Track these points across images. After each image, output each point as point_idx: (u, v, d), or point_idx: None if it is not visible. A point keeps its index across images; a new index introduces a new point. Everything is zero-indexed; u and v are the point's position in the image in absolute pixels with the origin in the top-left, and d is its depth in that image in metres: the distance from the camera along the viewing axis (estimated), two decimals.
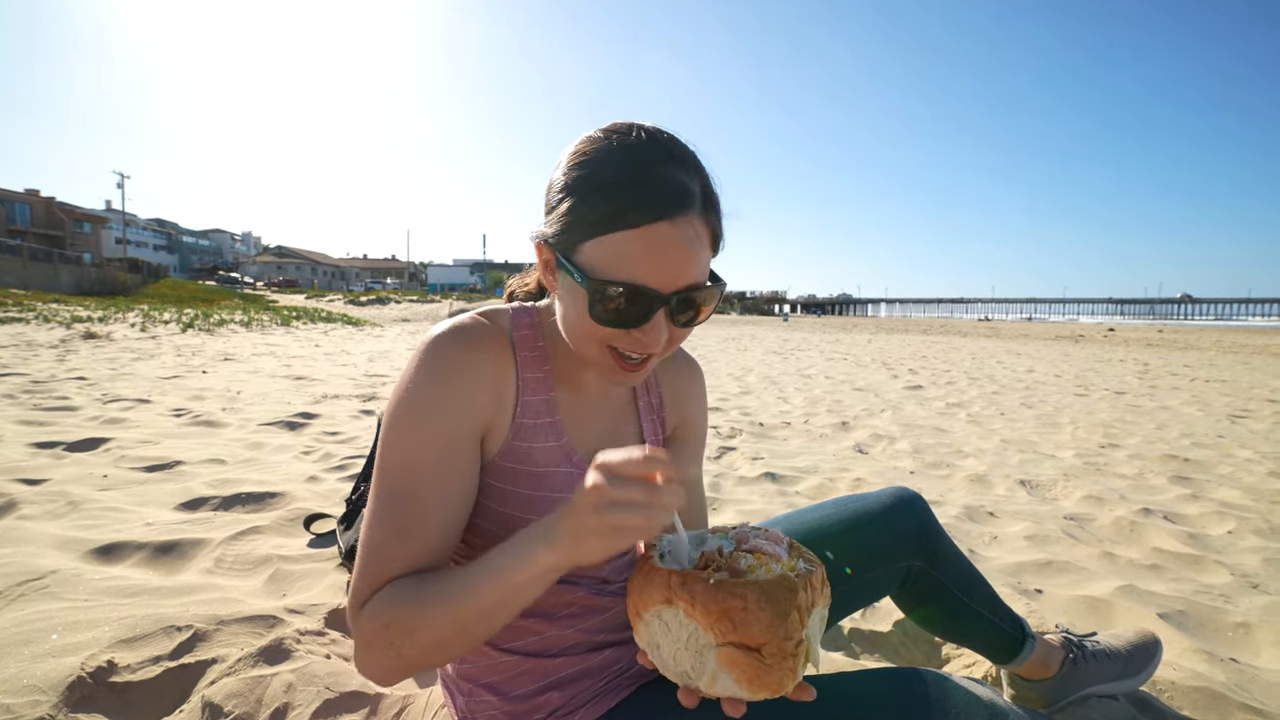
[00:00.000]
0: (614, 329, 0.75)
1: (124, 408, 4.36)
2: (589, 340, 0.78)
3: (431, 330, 0.84)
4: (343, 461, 3.18)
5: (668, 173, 0.73)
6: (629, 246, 0.72)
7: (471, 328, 0.85)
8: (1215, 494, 3.16)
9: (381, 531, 0.77)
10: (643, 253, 0.72)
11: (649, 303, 0.73)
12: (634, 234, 0.71)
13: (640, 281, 0.72)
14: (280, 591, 1.79)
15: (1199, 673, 1.52)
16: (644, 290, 0.72)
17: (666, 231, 0.72)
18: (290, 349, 9.99)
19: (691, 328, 0.80)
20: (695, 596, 0.62)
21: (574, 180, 0.76)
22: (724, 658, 0.61)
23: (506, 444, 0.86)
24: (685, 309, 0.76)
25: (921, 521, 1.23)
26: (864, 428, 4.71)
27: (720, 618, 0.61)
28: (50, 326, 11.10)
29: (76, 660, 1.34)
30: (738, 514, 2.59)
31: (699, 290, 0.76)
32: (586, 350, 0.80)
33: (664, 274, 0.73)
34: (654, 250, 0.72)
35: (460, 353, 0.81)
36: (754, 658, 0.61)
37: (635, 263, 0.72)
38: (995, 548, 2.37)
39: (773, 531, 0.74)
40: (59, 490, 2.48)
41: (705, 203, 0.76)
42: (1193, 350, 16.22)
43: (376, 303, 31.60)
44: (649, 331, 0.75)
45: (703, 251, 0.75)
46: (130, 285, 33.25)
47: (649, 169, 0.73)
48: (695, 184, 0.75)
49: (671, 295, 0.74)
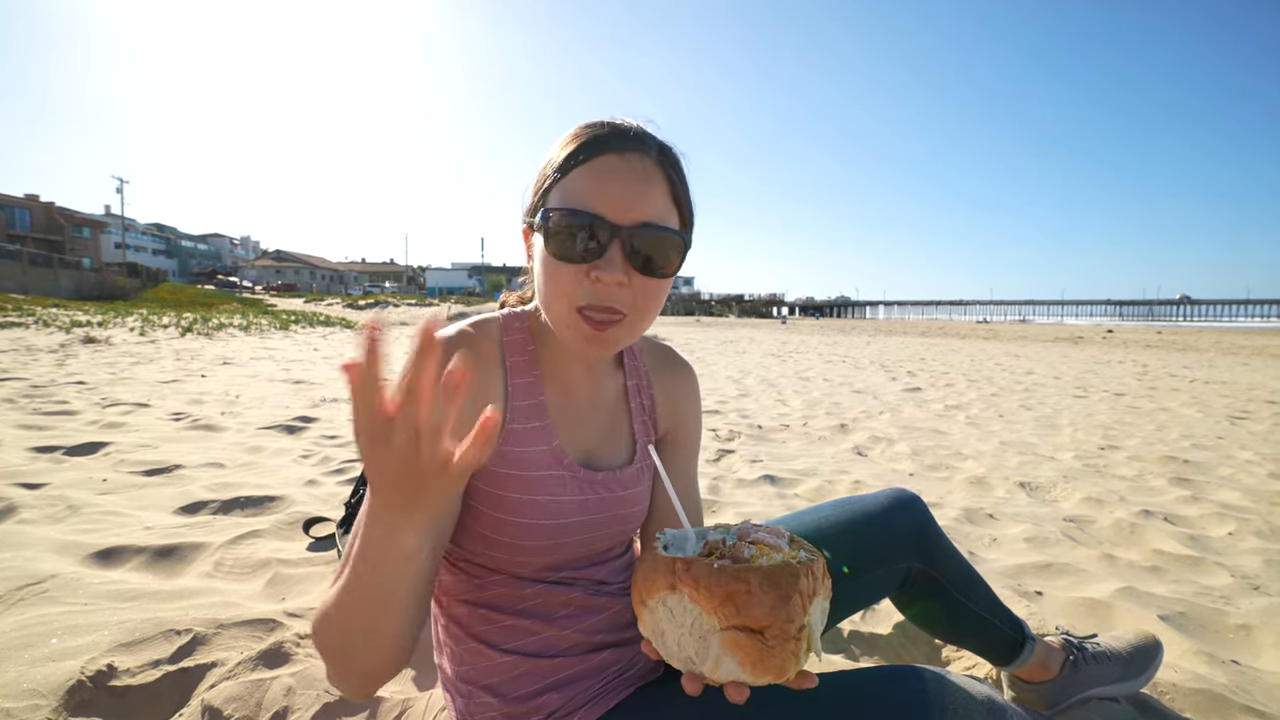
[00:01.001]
0: (573, 267, 0.78)
1: (123, 412, 4.36)
2: (556, 296, 0.80)
3: None
4: (341, 465, 3.18)
5: (620, 123, 0.82)
6: (579, 180, 0.78)
7: (458, 341, 0.86)
8: (1215, 495, 3.16)
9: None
10: (591, 182, 0.78)
11: (602, 231, 0.77)
12: (583, 168, 0.78)
13: (591, 208, 0.77)
14: (279, 595, 1.79)
15: (1200, 675, 1.52)
16: (594, 215, 0.76)
17: (613, 161, 0.78)
18: (289, 353, 9.98)
19: (655, 282, 0.81)
20: (699, 581, 0.63)
21: (548, 158, 0.84)
22: (728, 642, 0.62)
23: (496, 449, 0.86)
24: (643, 249, 0.79)
25: (920, 523, 1.24)
26: (863, 430, 4.71)
27: (724, 601, 0.62)
28: (50, 331, 11.10)
29: (76, 664, 1.33)
30: (737, 516, 2.59)
31: (655, 229, 0.79)
32: (557, 310, 0.81)
33: (615, 202, 0.77)
34: (602, 179, 0.78)
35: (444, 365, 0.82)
36: (757, 640, 0.61)
37: (586, 193, 0.77)
38: (995, 550, 2.37)
39: (774, 527, 0.75)
40: (58, 494, 2.48)
41: (662, 157, 0.81)
42: (1192, 351, 16.24)
43: (375, 306, 31.61)
44: (607, 266, 0.77)
45: (657, 193, 0.80)
46: (129, 290, 33.24)
47: (602, 124, 0.82)
48: (651, 141, 0.82)
49: (625, 227, 0.77)
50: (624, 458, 1.00)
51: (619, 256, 0.77)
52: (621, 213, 0.77)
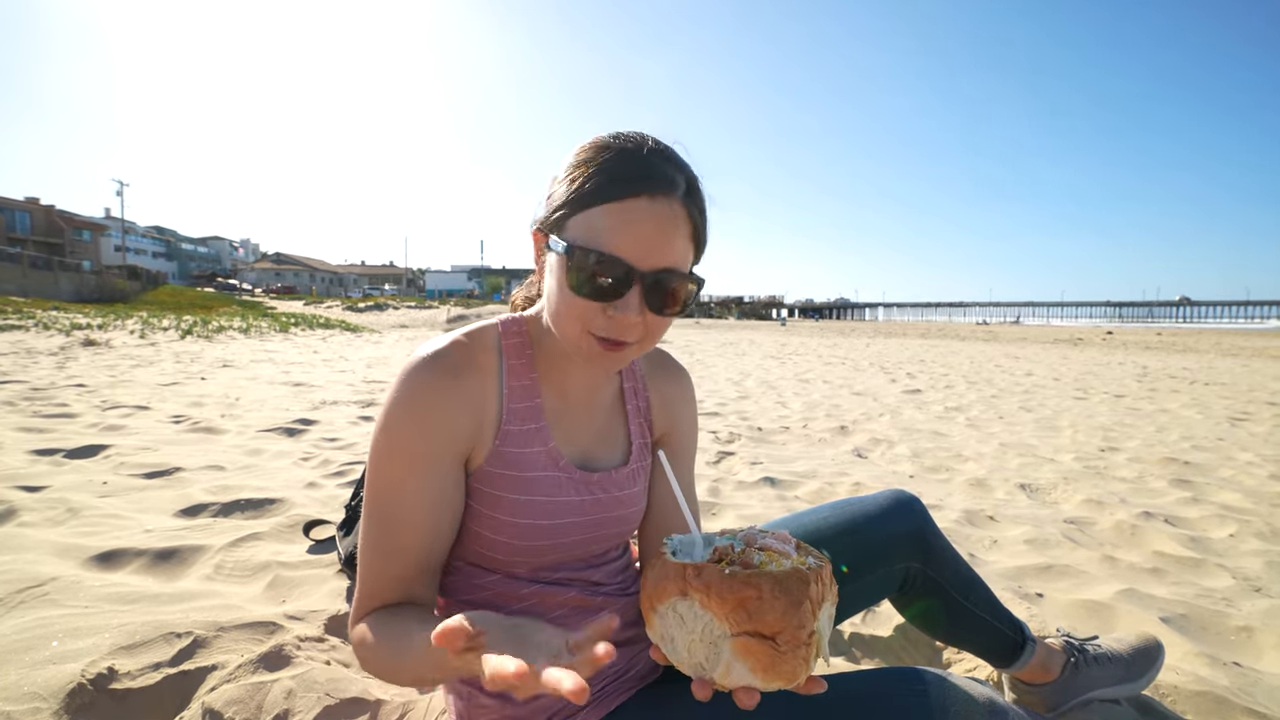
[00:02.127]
0: (590, 302, 0.78)
1: (123, 414, 4.35)
2: (569, 320, 0.80)
3: (411, 356, 0.86)
4: (341, 467, 3.18)
5: (652, 158, 0.79)
6: (608, 219, 0.76)
7: (449, 353, 0.86)
8: (1216, 497, 3.16)
9: (369, 554, 0.83)
10: (620, 225, 0.76)
11: (624, 275, 0.76)
12: (613, 207, 0.76)
13: (616, 253, 0.76)
14: (280, 598, 1.79)
15: (1201, 676, 1.52)
16: (619, 261, 0.76)
17: (645, 206, 0.76)
18: (289, 355, 9.98)
19: (666, 319, 0.82)
20: (710, 587, 0.63)
21: (567, 169, 0.81)
22: (739, 647, 0.62)
23: (494, 450, 0.88)
24: (659, 293, 0.79)
25: (918, 523, 1.24)
26: (863, 432, 4.71)
27: (736, 607, 0.62)
28: (50, 334, 11.10)
29: (77, 667, 1.33)
30: (737, 519, 2.58)
31: (674, 275, 0.78)
32: (567, 331, 0.82)
33: (640, 248, 0.76)
34: (631, 223, 0.76)
35: (436, 381, 0.84)
36: (769, 646, 0.61)
37: (613, 234, 0.76)
38: (995, 552, 2.36)
39: (780, 532, 0.75)
40: (59, 497, 2.47)
41: (688, 194, 0.80)
42: (1192, 353, 16.24)
43: (375, 309, 31.63)
44: (623, 308, 0.77)
45: (680, 237, 0.79)
46: (129, 292, 33.25)
47: (635, 155, 0.79)
48: (679, 176, 0.80)
49: (647, 273, 0.77)
50: (620, 459, 1.00)
51: (637, 300, 0.78)
52: (644, 259, 0.76)
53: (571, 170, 0.81)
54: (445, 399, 0.84)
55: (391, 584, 0.82)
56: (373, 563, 0.82)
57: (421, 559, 0.83)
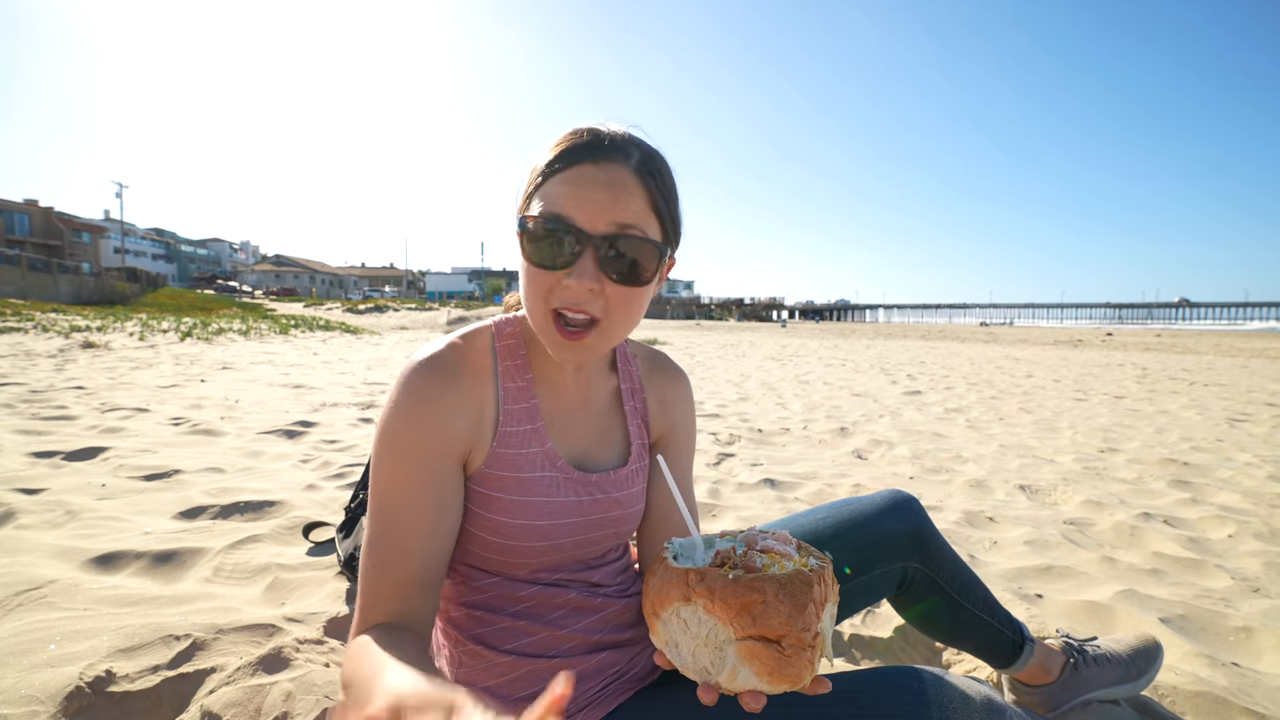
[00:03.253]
0: (546, 272, 0.79)
1: (122, 417, 4.35)
2: (533, 298, 0.82)
3: (408, 361, 0.86)
4: (341, 469, 3.17)
5: (603, 134, 0.81)
6: (556, 188, 0.79)
7: (445, 356, 0.87)
8: (1215, 498, 3.16)
9: (370, 560, 0.82)
10: (567, 190, 0.78)
11: (574, 238, 0.77)
12: (561, 176, 0.79)
13: (564, 213, 0.77)
14: (279, 600, 1.79)
15: (1200, 677, 1.52)
16: (566, 222, 0.77)
17: (590, 170, 0.78)
18: (289, 357, 9.98)
19: (629, 290, 0.81)
20: (714, 592, 0.63)
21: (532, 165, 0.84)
22: (744, 651, 0.62)
23: (492, 452, 0.88)
24: (616, 257, 0.79)
25: (916, 523, 1.24)
26: (863, 433, 4.71)
27: (740, 611, 0.62)
28: (49, 336, 11.09)
29: (75, 670, 1.33)
30: (737, 520, 2.58)
31: (629, 240, 0.78)
32: (535, 316, 0.83)
33: (588, 210, 0.77)
34: (577, 186, 0.78)
35: (433, 384, 0.84)
36: (774, 650, 0.62)
37: (561, 198, 0.78)
38: (995, 553, 2.36)
39: (780, 533, 0.75)
40: (57, 499, 2.47)
41: (643, 166, 0.80)
42: (1191, 354, 16.25)
43: (375, 311, 31.63)
44: (578, 275, 0.77)
45: (634, 200, 0.79)
46: (129, 294, 33.24)
47: (588, 132, 0.81)
48: (633, 149, 0.81)
49: (599, 236, 0.77)
50: (618, 459, 1.00)
51: (591, 264, 0.78)
52: (594, 221, 0.77)
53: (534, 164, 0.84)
54: (443, 402, 0.84)
55: (394, 590, 0.81)
56: (376, 569, 0.81)
57: (424, 564, 0.82)
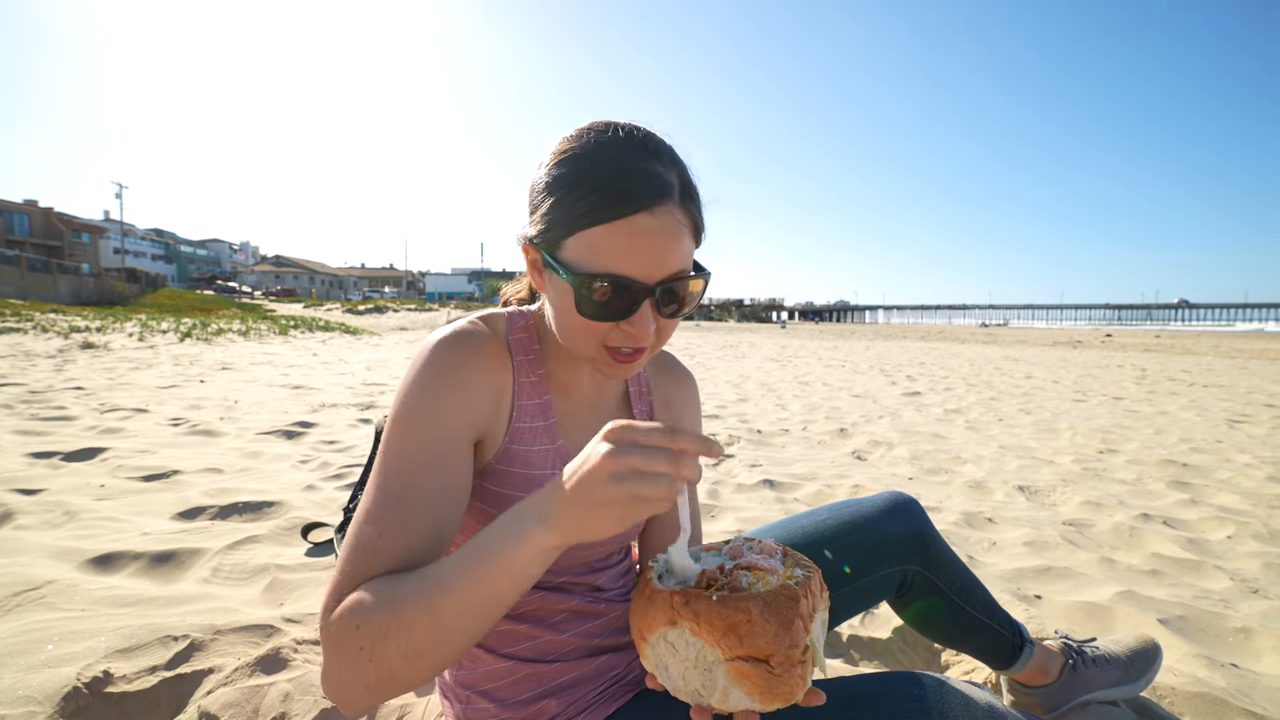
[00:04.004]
0: (602, 322, 0.76)
1: (121, 417, 4.35)
2: (581, 336, 0.79)
3: (432, 335, 0.84)
4: (340, 470, 3.17)
5: (646, 165, 0.75)
6: (611, 240, 0.73)
7: (472, 333, 0.85)
8: (1214, 499, 3.16)
9: (372, 527, 0.73)
10: (625, 245, 0.73)
11: (634, 294, 0.74)
12: (615, 226, 0.73)
13: (624, 273, 0.73)
14: (277, 601, 1.78)
15: (1199, 678, 1.52)
16: (628, 282, 0.73)
17: (647, 222, 0.73)
18: (288, 358, 9.97)
19: (679, 318, 0.81)
20: (700, 614, 0.63)
21: (555, 179, 0.77)
22: (733, 672, 0.62)
23: (503, 447, 0.87)
24: (670, 300, 0.78)
25: (916, 525, 1.23)
26: (862, 434, 4.71)
27: (726, 633, 0.62)
28: (48, 336, 11.08)
29: (72, 670, 1.33)
30: (736, 521, 2.58)
31: (682, 280, 0.77)
32: (580, 347, 0.81)
33: (647, 265, 0.74)
34: (635, 242, 0.73)
35: (461, 357, 0.82)
36: (763, 669, 0.61)
37: (618, 255, 0.73)
38: (994, 554, 2.36)
39: (766, 543, 0.75)
40: (56, 500, 2.47)
41: (684, 193, 0.77)
42: (1190, 355, 16.24)
43: (374, 311, 31.61)
44: (637, 323, 0.76)
45: (684, 241, 0.77)
46: (128, 295, 33.21)
47: (627, 163, 0.75)
48: (673, 175, 0.77)
49: (656, 286, 0.75)
50: None
51: (649, 312, 0.76)
52: (653, 274, 0.75)
53: (559, 181, 0.76)
54: (469, 372, 0.82)
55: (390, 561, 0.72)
56: (372, 540, 0.73)
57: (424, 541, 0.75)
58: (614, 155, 0.75)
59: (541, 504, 0.63)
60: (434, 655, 0.65)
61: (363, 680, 0.66)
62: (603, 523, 0.60)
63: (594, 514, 0.59)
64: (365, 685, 0.66)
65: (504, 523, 0.65)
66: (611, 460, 0.58)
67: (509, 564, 0.63)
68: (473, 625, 0.65)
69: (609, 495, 0.58)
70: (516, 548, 0.63)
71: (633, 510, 0.59)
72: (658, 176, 0.75)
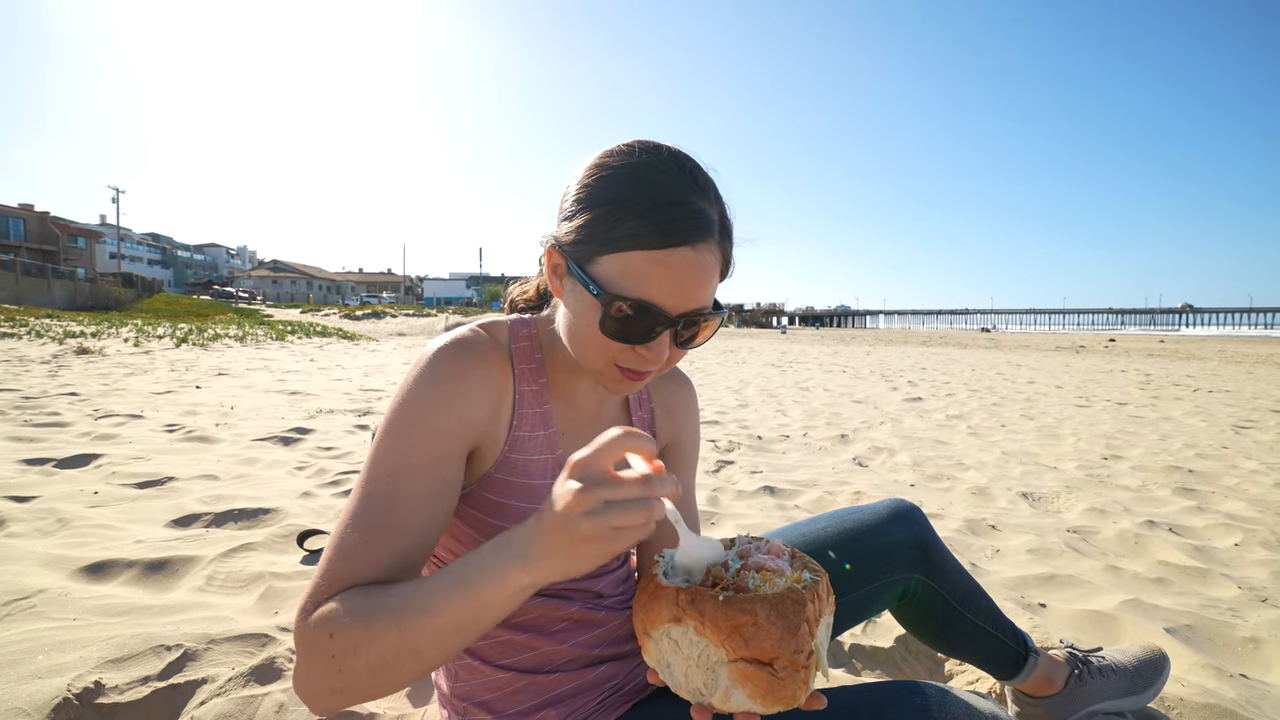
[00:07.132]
0: (618, 343, 0.77)
1: (116, 423, 4.33)
2: (595, 351, 0.79)
3: (433, 342, 0.84)
4: (337, 477, 3.15)
5: (693, 199, 0.75)
6: (649, 267, 0.73)
7: (472, 340, 0.85)
8: (1221, 506, 3.14)
9: (356, 531, 0.72)
10: (662, 275, 0.73)
11: (658, 322, 0.75)
12: (656, 255, 0.73)
13: (654, 301, 0.74)
14: (272, 609, 1.76)
15: (1208, 689, 1.50)
16: (656, 310, 0.74)
17: (688, 257, 0.74)
18: (285, 364, 9.97)
19: (688, 349, 0.82)
20: (705, 614, 0.62)
21: (597, 192, 0.76)
22: (736, 673, 0.62)
23: (502, 456, 0.86)
24: (688, 331, 0.79)
25: (919, 533, 1.22)
26: (863, 440, 4.69)
27: (731, 634, 0.61)
28: (43, 342, 11.07)
29: (63, 681, 1.31)
30: (736, 528, 2.57)
31: (704, 315, 0.78)
32: (591, 360, 0.81)
33: (678, 297, 0.75)
34: (673, 274, 0.74)
35: (461, 364, 0.82)
36: (767, 672, 0.61)
37: (653, 283, 0.74)
38: (997, 561, 2.34)
39: (774, 543, 0.75)
40: (48, 507, 2.45)
41: (722, 231, 0.78)
42: (1195, 360, 16.27)
43: (372, 317, 31.63)
44: (653, 349, 0.77)
45: (714, 278, 0.78)
46: (124, 300, 33.25)
47: (677, 194, 0.75)
48: (715, 212, 0.77)
49: (679, 317, 0.76)
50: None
51: (667, 340, 0.77)
52: (680, 306, 0.75)
53: (601, 196, 0.76)
54: (468, 379, 0.81)
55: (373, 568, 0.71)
56: (355, 544, 0.71)
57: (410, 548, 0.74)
58: (666, 184, 0.75)
59: (525, 541, 0.62)
60: (400, 673, 0.65)
61: (329, 685, 0.67)
62: (584, 559, 0.59)
63: (573, 551, 0.59)
64: (331, 689, 0.67)
65: (488, 553, 0.64)
66: (581, 497, 0.57)
67: (488, 598, 0.63)
68: (444, 649, 0.65)
69: (584, 532, 0.57)
70: (496, 583, 0.62)
71: (613, 542, 0.58)
72: (704, 214, 0.75)
